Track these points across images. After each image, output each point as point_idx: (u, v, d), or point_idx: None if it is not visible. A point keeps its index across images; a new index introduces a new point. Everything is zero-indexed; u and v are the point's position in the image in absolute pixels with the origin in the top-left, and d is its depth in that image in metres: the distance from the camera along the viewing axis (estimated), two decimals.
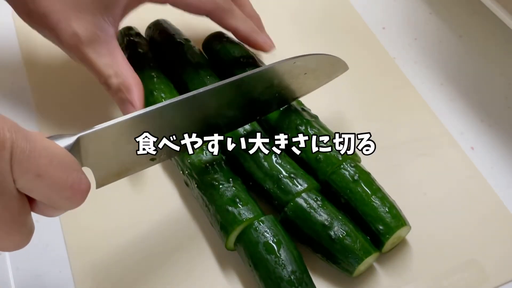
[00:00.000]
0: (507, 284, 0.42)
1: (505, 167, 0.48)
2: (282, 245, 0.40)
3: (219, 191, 0.43)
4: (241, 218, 0.41)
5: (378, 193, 0.43)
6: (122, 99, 0.45)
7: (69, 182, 0.31)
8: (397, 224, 0.41)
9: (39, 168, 0.30)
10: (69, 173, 0.32)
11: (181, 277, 0.43)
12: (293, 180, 0.43)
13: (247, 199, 0.43)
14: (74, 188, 0.32)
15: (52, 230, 0.46)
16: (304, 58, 0.44)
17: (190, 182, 0.45)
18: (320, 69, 0.47)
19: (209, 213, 0.43)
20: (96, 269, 0.44)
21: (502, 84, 0.53)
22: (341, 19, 0.59)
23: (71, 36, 0.45)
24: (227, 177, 0.43)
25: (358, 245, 0.40)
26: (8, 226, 0.30)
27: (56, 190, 0.31)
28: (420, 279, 0.42)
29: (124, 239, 0.45)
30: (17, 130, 0.29)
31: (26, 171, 0.29)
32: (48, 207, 0.32)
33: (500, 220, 0.45)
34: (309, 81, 0.47)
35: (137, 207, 0.47)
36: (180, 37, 0.53)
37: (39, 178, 0.30)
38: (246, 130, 0.46)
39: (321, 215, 0.42)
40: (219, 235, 0.43)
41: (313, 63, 0.45)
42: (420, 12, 0.59)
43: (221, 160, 0.45)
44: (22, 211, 0.31)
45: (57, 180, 0.31)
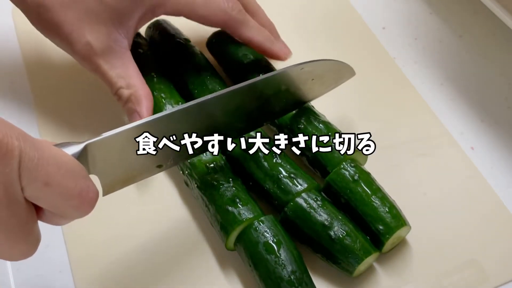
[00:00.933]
0: (507, 284, 0.42)
1: (505, 167, 0.48)
2: (282, 245, 0.40)
3: (219, 191, 0.43)
4: (241, 218, 0.41)
5: (378, 193, 0.43)
6: (131, 109, 0.46)
7: (77, 191, 0.31)
8: (397, 224, 0.41)
9: (47, 176, 0.29)
10: (77, 181, 0.31)
11: (181, 277, 0.43)
12: (293, 180, 0.43)
13: (247, 199, 0.43)
14: (83, 196, 0.32)
15: (53, 231, 0.46)
16: (312, 63, 0.44)
17: (190, 182, 0.45)
18: (328, 75, 0.47)
19: (209, 213, 0.43)
20: (97, 270, 0.44)
21: (502, 84, 0.53)
22: (341, 19, 0.59)
23: (84, 46, 0.45)
24: (227, 177, 0.43)
25: (358, 245, 0.40)
26: (16, 234, 0.30)
27: (64, 199, 0.31)
28: (420, 279, 0.42)
29: (124, 239, 0.45)
30: (25, 138, 0.29)
31: (34, 179, 0.29)
32: (56, 215, 0.32)
33: (500, 220, 0.45)
34: (316, 87, 0.47)
35: (137, 206, 0.47)
36: (180, 37, 0.53)
37: (47, 186, 0.30)
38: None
39: (321, 215, 0.42)
40: (219, 235, 0.43)
41: (321, 68, 0.46)
42: (420, 12, 0.59)
43: (221, 160, 0.45)
44: (30, 219, 0.31)
45: (65, 188, 0.31)
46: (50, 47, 0.49)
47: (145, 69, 0.50)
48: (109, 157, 0.37)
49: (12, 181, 0.28)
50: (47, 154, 0.30)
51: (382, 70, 0.55)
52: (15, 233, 0.30)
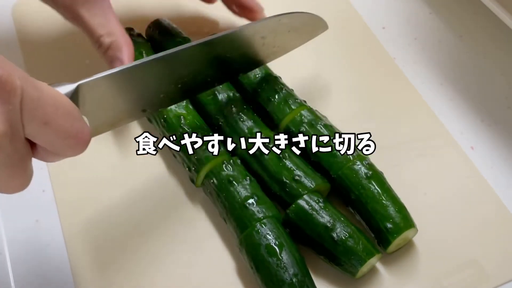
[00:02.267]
0: (507, 284, 0.42)
1: (505, 167, 0.48)
2: (284, 247, 0.40)
3: None
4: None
5: (389, 192, 0.43)
6: (112, 57, 0.47)
7: (73, 131, 0.33)
8: (406, 225, 0.41)
9: (46, 116, 0.31)
10: (73, 121, 0.33)
11: (181, 280, 0.43)
12: (298, 182, 0.43)
13: None
14: (78, 137, 0.33)
15: (52, 230, 0.46)
16: (289, 15, 0.46)
17: None
18: (303, 28, 0.49)
19: None
20: (97, 268, 0.44)
21: (502, 84, 0.53)
22: (341, 19, 0.59)
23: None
24: None
25: (361, 247, 0.40)
26: (16, 169, 0.32)
27: (61, 138, 0.32)
28: (420, 279, 0.42)
29: (126, 238, 0.45)
30: (27, 79, 0.31)
31: (34, 118, 0.31)
32: (49, 153, 0.33)
33: (500, 220, 0.45)
34: (292, 38, 0.48)
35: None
36: (180, 36, 0.53)
37: (46, 125, 0.31)
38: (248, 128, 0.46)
39: (323, 217, 0.41)
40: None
41: (297, 21, 0.47)
42: (420, 12, 0.59)
43: None
44: (27, 156, 0.32)
45: (63, 128, 0.32)
46: (51, 47, 0.49)
47: None
48: (99, 98, 0.38)
49: (15, 119, 0.30)
50: (46, 94, 0.31)
51: (382, 70, 0.55)
52: (15, 167, 0.32)
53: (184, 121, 0.47)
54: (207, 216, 0.46)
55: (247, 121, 0.47)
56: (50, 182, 0.49)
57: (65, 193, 0.48)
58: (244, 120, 0.47)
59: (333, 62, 0.55)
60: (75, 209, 0.47)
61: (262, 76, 0.50)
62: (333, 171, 0.44)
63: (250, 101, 0.49)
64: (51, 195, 0.48)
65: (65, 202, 0.47)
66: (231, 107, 0.48)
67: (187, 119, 0.47)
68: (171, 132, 0.47)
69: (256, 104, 0.49)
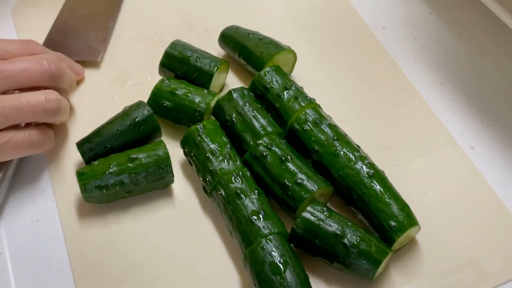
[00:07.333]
0: (507, 284, 0.42)
1: (505, 167, 0.48)
2: (289, 266, 0.39)
3: None
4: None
5: (391, 191, 0.43)
6: None
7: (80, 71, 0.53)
8: (410, 222, 0.41)
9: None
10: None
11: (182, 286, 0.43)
12: (301, 185, 0.43)
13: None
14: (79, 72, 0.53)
15: (52, 230, 0.46)
16: None
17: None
18: None
19: None
20: (97, 268, 0.44)
21: (502, 84, 0.53)
22: (341, 19, 0.59)
23: None
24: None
25: (374, 248, 0.40)
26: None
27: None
28: (420, 278, 0.42)
29: (126, 239, 0.45)
30: None
31: None
32: None
33: (500, 220, 0.45)
34: None
35: (137, 207, 0.47)
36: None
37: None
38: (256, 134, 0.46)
39: (331, 225, 0.41)
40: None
41: None
42: (420, 12, 0.59)
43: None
44: None
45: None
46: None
47: None
48: None
49: None
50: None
51: (382, 70, 0.55)
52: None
53: (203, 130, 0.47)
54: (214, 227, 0.46)
55: (261, 119, 0.47)
56: (50, 182, 0.49)
57: (65, 193, 0.48)
58: (258, 119, 0.47)
59: (333, 62, 0.55)
60: (75, 209, 0.47)
61: (272, 72, 0.49)
62: (335, 170, 0.44)
63: (259, 97, 0.49)
64: (51, 195, 0.48)
65: (65, 202, 0.47)
66: (245, 104, 0.48)
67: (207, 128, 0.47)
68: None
69: (266, 100, 0.49)
